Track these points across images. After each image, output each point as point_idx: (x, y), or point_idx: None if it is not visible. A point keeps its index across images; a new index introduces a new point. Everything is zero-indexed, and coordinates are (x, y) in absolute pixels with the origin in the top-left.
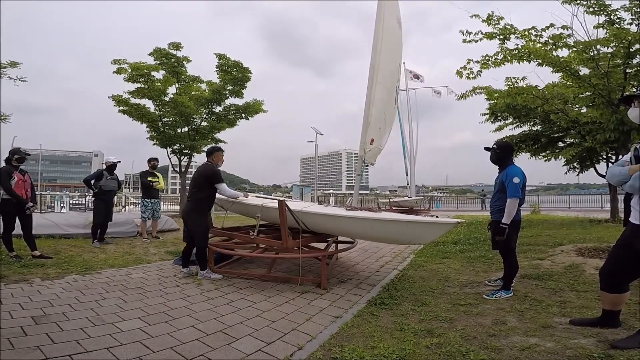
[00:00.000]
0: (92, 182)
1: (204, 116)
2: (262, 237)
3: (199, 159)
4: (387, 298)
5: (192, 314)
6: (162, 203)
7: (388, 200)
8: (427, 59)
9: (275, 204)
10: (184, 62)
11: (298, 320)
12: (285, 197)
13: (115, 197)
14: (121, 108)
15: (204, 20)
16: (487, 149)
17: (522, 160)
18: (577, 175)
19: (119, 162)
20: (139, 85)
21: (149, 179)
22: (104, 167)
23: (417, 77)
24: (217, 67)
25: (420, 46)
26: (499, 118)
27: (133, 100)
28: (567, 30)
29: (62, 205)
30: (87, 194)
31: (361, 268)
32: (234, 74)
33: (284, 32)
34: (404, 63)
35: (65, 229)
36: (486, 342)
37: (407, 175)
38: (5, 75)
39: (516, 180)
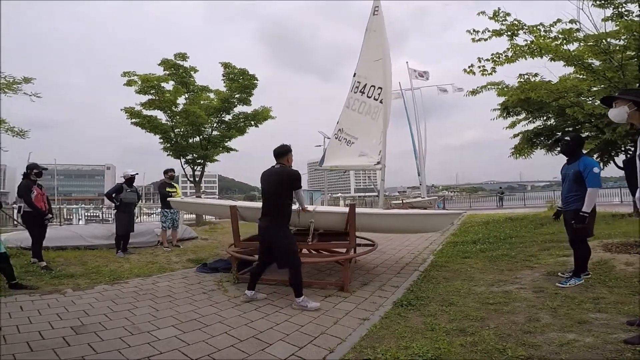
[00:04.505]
0: (113, 195)
1: (215, 125)
2: (318, 242)
3: (212, 168)
4: (413, 299)
5: (223, 321)
6: (180, 213)
7: (401, 201)
8: (430, 58)
9: (328, 209)
10: (191, 72)
11: (325, 324)
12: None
13: (136, 208)
14: (134, 120)
15: (203, 27)
16: (557, 140)
17: (537, 157)
18: (603, 169)
19: (137, 174)
20: (150, 96)
21: (167, 189)
22: (123, 180)
23: (421, 75)
24: (223, 76)
25: (421, 45)
26: (511, 113)
27: (145, 112)
28: (576, 24)
29: (79, 217)
30: (102, 206)
31: (382, 270)
32: (240, 82)
33: (286, 37)
34: (407, 62)
35: (89, 240)
36: (522, 339)
37: (419, 175)
38: (21, 91)
39: (596, 170)
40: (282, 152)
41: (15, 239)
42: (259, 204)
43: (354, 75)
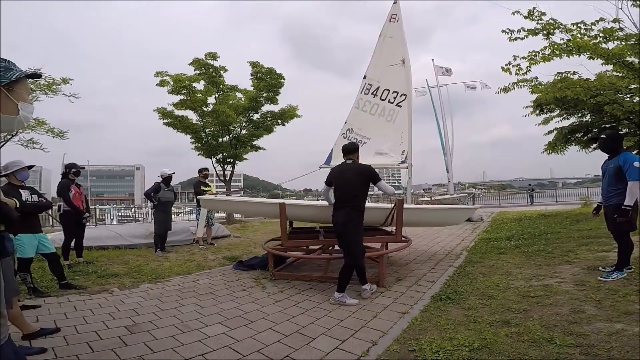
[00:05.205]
0: (152, 194)
1: (243, 124)
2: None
3: (242, 166)
4: (452, 293)
5: (267, 317)
6: (214, 211)
7: (429, 199)
8: (454, 54)
9: (368, 205)
10: (221, 71)
11: (365, 318)
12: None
13: (173, 207)
14: (166, 120)
15: (225, 30)
16: (594, 139)
17: (569, 153)
18: None
19: (174, 173)
20: (181, 97)
21: (202, 188)
22: (160, 179)
23: (447, 71)
24: (251, 75)
25: (445, 42)
26: (545, 110)
27: (177, 112)
28: (618, 23)
29: (111, 217)
30: (132, 206)
31: (416, 266)
32: (268, 81)
33: (306, 37)
34: (432, 60)
35: (129, 240)
36: (569, 329)
37: (448, 172)
38: (60, 92)
39: (637, 164)
40: (354, 149)
41: (60, 239)
42: (305, 202)
43: (364, 78)
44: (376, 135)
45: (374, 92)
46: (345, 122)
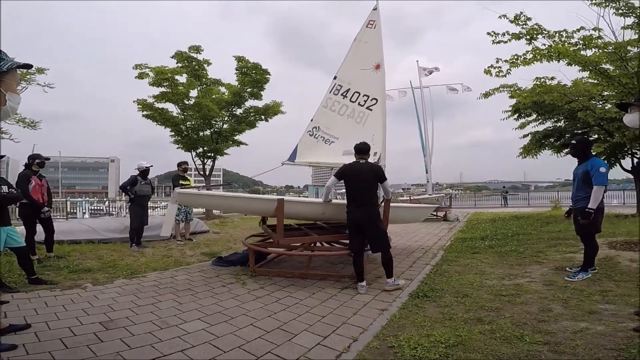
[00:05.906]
0: (128, 188)
1: (226, 119)
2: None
3: (222, 161)
4: (429, 291)
5: (247, 313)
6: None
7: (408, 198)
8: (442, 57)
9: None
10: (204, 64)
11: (346, 314)
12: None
13: (150, 201)
14: (145, 112)
15: (214, 23)
16: (565, 144)
17: (541, 157)
18: (609, 170)
19: (152, 166)
20: (162, 89)
21: (181, 182)
22: (137, 172)
23: (431, 72)
24: (236, 70)
25: (435, 44)
26: (522, 115)
27: (157, 105)
28: (597, 32)
29: (83, 211)
30: (105, 199)
31: (394, 264)
32: (253, 76)
33: (295, 33)
34: (417, 61)
35: (103, 234)
36: (537, 327)
37: (427, 172)
38: (34, 82)
39: (603, 169)
40: (367, 149)
41: None
42: (307, 199)
43: (335, 78)
44: (344, 136)
45: (344, 94)
46: (312, 120)
